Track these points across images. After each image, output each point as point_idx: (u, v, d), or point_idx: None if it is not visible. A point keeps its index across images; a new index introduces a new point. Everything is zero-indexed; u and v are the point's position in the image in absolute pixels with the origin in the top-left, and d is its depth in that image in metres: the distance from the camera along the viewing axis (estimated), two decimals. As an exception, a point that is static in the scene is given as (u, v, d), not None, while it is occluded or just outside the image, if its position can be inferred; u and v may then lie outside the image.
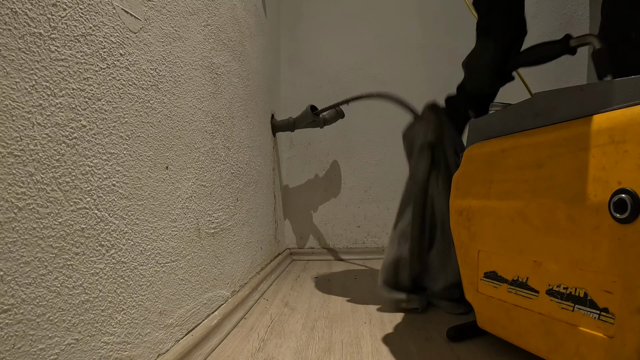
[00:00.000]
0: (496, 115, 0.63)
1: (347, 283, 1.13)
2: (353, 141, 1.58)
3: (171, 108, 0.58)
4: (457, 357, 0.62)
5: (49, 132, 0.35)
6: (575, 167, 0.46)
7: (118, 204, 0.44)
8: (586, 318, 0.46)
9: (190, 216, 0.63)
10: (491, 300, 0.62)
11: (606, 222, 0.42)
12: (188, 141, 0.63)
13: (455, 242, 0.70)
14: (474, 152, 0.66)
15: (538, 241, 0.52)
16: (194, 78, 0.66)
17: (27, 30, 0.33)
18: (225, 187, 0.80)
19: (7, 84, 0.31)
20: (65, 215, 0.37)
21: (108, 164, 0.43)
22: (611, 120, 0.43)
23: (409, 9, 1.57)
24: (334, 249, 1.57)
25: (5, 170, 0.31)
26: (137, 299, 0.47)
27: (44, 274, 0.34)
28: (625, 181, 0.40)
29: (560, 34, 0.65)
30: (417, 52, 1.56)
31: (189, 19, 0.64)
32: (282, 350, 0.65)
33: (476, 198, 0.63)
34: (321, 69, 1.59)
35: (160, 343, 0.52)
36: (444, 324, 0.76)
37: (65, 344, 0.36)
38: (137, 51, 0.49)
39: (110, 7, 0.44)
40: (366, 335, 0.72)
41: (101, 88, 0.42)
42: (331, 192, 1.59)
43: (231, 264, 0.82)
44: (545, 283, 0.52)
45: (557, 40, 0.66)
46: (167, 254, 0.55)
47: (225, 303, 0.77)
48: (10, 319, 0.31)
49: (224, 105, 0.80)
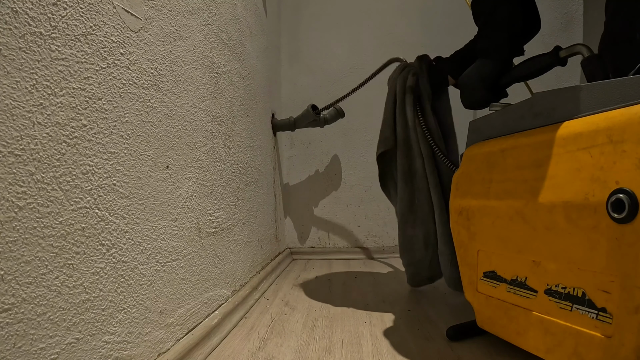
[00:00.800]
0: (496, 116, 0.64)
1: (348, 282, 1.13)
2: (353, 140, 1.58)
3: (172, 107, 0.58)
4: (457, 356, 0.62)
5: (49, 131, 0.35)
6: (573, 167, 0.47)
7: (118, 203, 0.45)
8: (584, 318, 0.46)
9: (190, 215, 0.63)
10: (490, 299, 0.62)
11: (604, 222, 0.42)
12: (188, 140, 0.63)
13: (455, 241, 0.70)
14: (474, 152, 0.66)
15: (537, 241, 0.52)
16: (195, 77, 0.66)
17: (28, 30, 0.33)
18: (225, 186, 0.80)
19: (8, 83, 0.31)
20: (66, 214, 0.37)
21: (108, 163, 0.43)
22: (609, 120, 0.43)
23: (409, 9, 1.57)
24: (335, 249, 1.57)
25: (6, 170, 0.31)
26: (137, 298, 0.48)
27: (44, 273, 0.34)
28: (623, 181, 0.40)
29: (560, 34, 0.66)
30: (417, 51, 1.55)
31: (190, 18, 0.64)
32: (282, 350, 0.65)
33: (476, 198, 0.64)
34: (322, 68, 1.59)
35: (161, 342, 0.53)
36: (444, 324, 0.76)
37: (66, 343, 0.36)
38: (137, 50, 0.49)
39: (111, 7, 0.44)
40: (366, 334, 0.72)
41: (102, 87, 0.42)
42: (332, 191, 1.59)
43: (231, 263, 0.82)
44: (543, 283, 0.52)
45: (548, 53, 0.68)
46: (167, 253, 0.55)
47: (225, 302, 0.77)
48: (10, 318, 0.31)
49: (225, 105, 0.80)
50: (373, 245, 1.57)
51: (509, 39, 0.74)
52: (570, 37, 1.48)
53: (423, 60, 0.92)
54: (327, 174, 1.59)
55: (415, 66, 0.91)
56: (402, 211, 0.94)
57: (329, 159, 1.59)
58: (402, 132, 0.91)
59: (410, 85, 0.89)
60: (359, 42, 1.58)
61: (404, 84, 0.90)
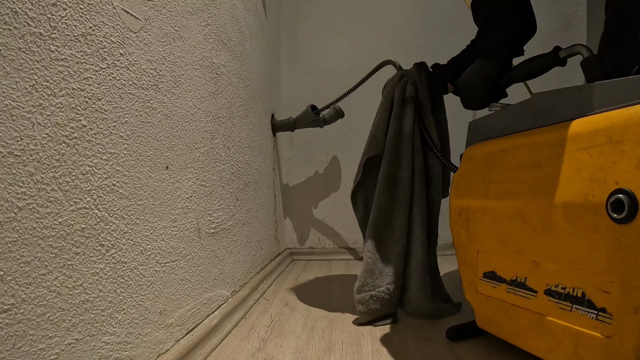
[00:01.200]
0: (495, 116, 0.64)
1: (347, 283, 1.13)
2: (353, 141, 1.58)
3: (171, 108, 0.58)
4: (457, 357, 0.62)
5: (49, 131, 0.35)
6: (573, 167, 0.47)
7: (118, 204, 0.45)
8: (584, 318, 0.46)
9: (190, 216, 0.63)
10: (490, 300, 0.62)
11: (604, 222, 0.42)
12: (188, 141, 0.63)
13: (454, 242, 0.70)
14: (474, 152, 0.66)
15: (536, 241, 0.52)
16: (194, 78, 0.66)
17: (27, 30, 0.33)
18: (225, 187, 0.80)
19: (8, 84, 0.31)
20: (66, 215, 0.37)
21: (108, 164, 0.43)
22: (609, 120, 0.43)
23: (409, 9, 1.57)
24: (334, 249, 1.57)
25: (6, 170, 0.31)
26: (137, 299, 0.48)
27: (44, 273, 0.34)
28: (623, 181, 0.40)
29: (560, 34, 0.66)
30: (417, 52, 1.56)
31: (189, 18, 0.64)
32: (282, 350, 0.65)
33: (475, 198, 0.64)
34: (321, 68, 1.59)
35: (161, 343, 0.52)
36: (444, 324, 0.76)
37: (66, 344, 0.36)
38: (137, 51, 0.49)
39: (110, 7, 0.44)
40: (366, 335, 0.72)
41: (101, 88, 0.42)
42: (331, 191, 1.59)
43: (231, 263, 0.82)
44: (543, 283, 0.52)
45: (547, 53, 0.68)
46: (167, 254, 0.55)
47: (225, 303, 0.77)
48: (10, 319, 0.31)
49: (224, 105, 0.80)
50: (373, 246, 1.56)
51: (508, 39, 0.74)
52: (570, 37, 1.49)
53: (422, 69, 0.89)
54: (327, 174, 1.59)
55: (414, 75, 0.88)
56: (377, 222, 0.82)
57: (329, 159, 1.59)
58: (393, 137, 0.84)
59: (410, 95, 0.85)
60: (358, 43, 1.58)
61: (402, 94, 0.87)
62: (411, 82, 0.87)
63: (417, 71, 0.88)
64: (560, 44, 0.69)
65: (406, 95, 0.86)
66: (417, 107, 0.86)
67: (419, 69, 0.88)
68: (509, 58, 0.76)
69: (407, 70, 0.91)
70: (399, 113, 0.86)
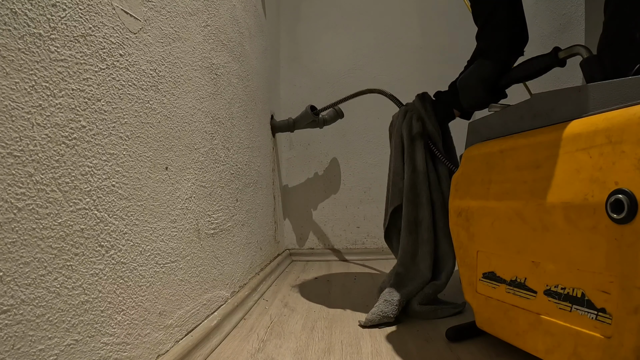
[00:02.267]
0: (495, 117, 0.64)
1: (347, 284, 1.13)
2: (352, 142, 1.58)
3: (171, 109, 0.58)
4: (457, 357, 0.62)
5: (48, 132, 0.35)
6: (572, 167, 0.47)
7: (118, 205, 0.45)
8: (584, 318, 0.46)
9: (189, 217, 0.63)
10: (490, 300, 0.62)
11: (603, 222, 0.42)
12: (188, 142, 0.63)
13: (454, 242, 0.70)
14: (473, 153, 0.66)
15: (536, 241, 0.52)
16: (194, 79, 0.66)
17: (27, 31, 0.33)
18: (224, 187, 0.80)
19: (7, 84, 0.31)
20: (65, 215, 0.37)
21: (108, 165, 0.43)
22: (608, 120, 0.43)
23: (408, 10, 1.57)
24: (334, 250, 1.57)
25: (5, 171, 0.31)
26: (136, 300, 0.48)
27: (43, 274, 0.34)
28: (622, 182, 0.40)
29: (560, 35, 0.66)
30: (416, 53, 1.56)
31: (189, 19, 0.64)
32: (281, 351, 0.65)
33: (475, 199, 0.64)
34: (321, 69, 1.59)
35: (160, 344, 0.52)
36: (444, 325, 0.76)
37: (65, 345, 0.36)
38: (136, 52, 0.49)
39: (110, 8, 0.44)
40: (366, 335, 0.72)
41: (101, 88, 0.42)
42: (331, 192, 1.59)
43: (231, 264, 0.82)
44: (543, 283, 0.52)
45: (547, 54, 0.68)
46: (166, 255, 0.55)
47: (224, 304, 0.77)
48: (9, 320, 0.31)
49: (224, 106, 0.80)
50: (372, 247, 1.57)
51: (508, 40, 0.74)
52: (569, 38, 1.49)
53: (425, 100, 0.87)
54: (326, 175, 1.59)
55: (418, 108, 0.86)
56: (403, 261, 0.85)
57: (328, 160, 1.59)
58: (408, 179, 0.85)
59: (417, 131, 0.84)
60: (358, 44, 1.58)
61: (410, 131, 0.85)
62: (416, 116, 0.86)
63: (421, 104, 0.87)
64: (560, 45, 0.69)
65: (414, 132, 0.85)
66: (426, 142, 0.85)
67: (422, 101, 0.87)
68: (508, 59, 0.76)
69: (411, 104, 0.89)
70: (411, 152, 0.86)
